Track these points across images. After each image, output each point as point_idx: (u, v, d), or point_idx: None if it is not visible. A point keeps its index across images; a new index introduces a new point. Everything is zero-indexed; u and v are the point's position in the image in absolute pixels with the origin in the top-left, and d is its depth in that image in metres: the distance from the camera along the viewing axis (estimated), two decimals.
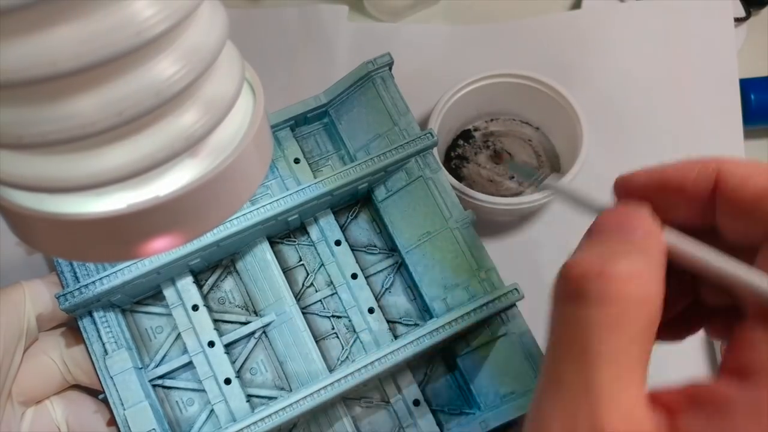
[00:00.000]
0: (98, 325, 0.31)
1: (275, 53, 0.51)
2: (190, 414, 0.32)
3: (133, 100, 0.14)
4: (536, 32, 0.50)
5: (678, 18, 0.49)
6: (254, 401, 0.32)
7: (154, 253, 0.18)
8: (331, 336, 0.34)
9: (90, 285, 0.30)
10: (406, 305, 0.35)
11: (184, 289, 0.32)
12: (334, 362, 0.33)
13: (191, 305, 0.32)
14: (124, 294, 0.31)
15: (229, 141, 0.18)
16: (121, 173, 0.15)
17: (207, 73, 0.16)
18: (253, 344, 0.33)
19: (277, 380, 0.33)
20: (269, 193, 0.35)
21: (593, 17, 0.51)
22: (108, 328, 0.31)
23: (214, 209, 0.18)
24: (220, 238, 0.31)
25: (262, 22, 0.53)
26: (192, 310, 0.32)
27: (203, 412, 0.32)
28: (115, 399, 0.30)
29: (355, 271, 0.34)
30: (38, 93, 0.14)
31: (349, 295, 0.34)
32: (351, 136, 0.36)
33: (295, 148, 0.36)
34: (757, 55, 0.51)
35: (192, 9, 0.15)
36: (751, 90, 0.46)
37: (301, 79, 0.50)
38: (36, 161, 0.15)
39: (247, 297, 0.34)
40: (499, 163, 0.42)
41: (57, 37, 0.13)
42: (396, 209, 0.35)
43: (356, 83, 0.36)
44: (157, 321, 0.33)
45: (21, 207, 0.17)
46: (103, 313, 0.31)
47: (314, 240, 0.35)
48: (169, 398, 0.32)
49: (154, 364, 0.32)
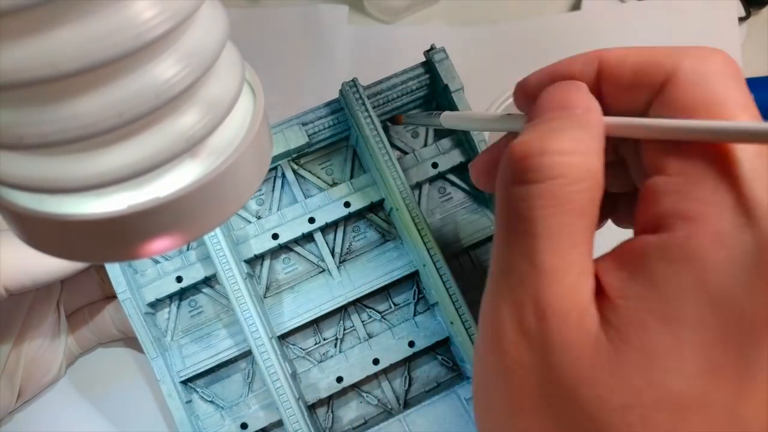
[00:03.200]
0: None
1: (275, 53, 0.51)
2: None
3: (134, 101, 0.14)
4: (536, 33, 0.50)
5: (680, 18, 0.49)
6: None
7: (154, 254, 0.18)
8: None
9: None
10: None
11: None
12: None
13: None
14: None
15: (230, 142, 0.18)
16: (122, 174, 0.15)
17: (207, 74, 0.16)
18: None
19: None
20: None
21: (593, 18, 0.51)
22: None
23: (215, 210, 0.18)
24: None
25: (262, 22, 0.53)
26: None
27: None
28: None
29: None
30: (39, 94, 0.14)
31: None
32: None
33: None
34: (758, 55, 0.51)
35: (192, 10, 0.15)
36: (751, 90, 0.46)
37: (302, 80, 0.50)
38: (37, 162, 0.15)
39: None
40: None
41: (58, 39, 0.13)
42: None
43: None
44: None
45: (21, 207, 0.17)
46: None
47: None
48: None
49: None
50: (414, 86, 0.36)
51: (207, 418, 0.33)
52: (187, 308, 0.34)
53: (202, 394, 0.34)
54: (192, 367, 0.33)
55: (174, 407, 0.32)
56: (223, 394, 0.34)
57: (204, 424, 0.33)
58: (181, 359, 0.33)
